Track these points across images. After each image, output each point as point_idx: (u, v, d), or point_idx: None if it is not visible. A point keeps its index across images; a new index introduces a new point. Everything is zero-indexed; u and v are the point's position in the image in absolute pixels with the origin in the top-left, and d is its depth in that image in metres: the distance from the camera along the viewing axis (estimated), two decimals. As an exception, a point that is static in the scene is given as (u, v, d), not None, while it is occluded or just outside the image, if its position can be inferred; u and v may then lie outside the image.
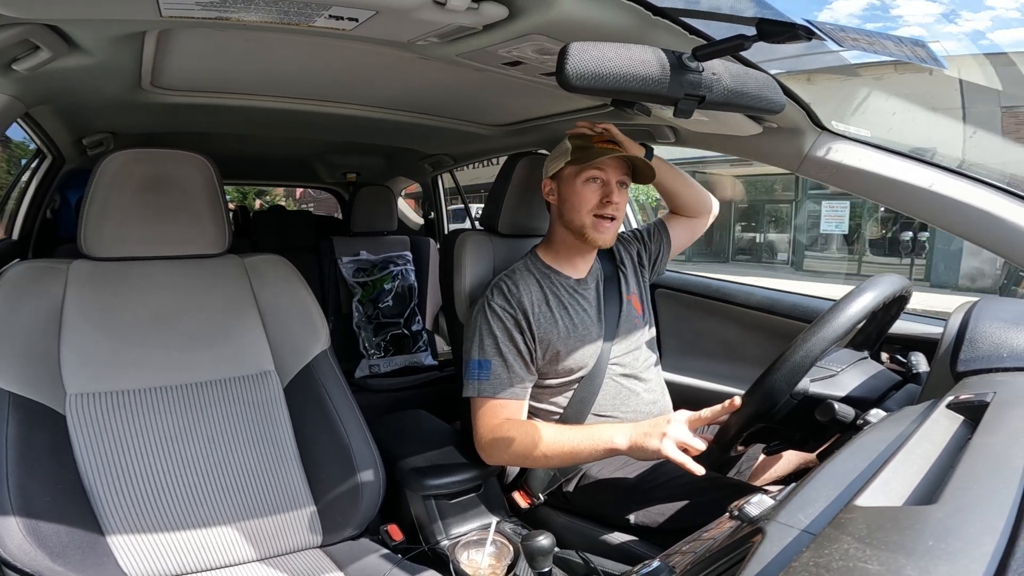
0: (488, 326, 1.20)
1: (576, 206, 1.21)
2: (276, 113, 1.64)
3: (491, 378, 1.18)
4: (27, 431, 0.96)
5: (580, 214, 1.21)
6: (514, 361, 1.19)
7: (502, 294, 1.21)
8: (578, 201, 1.21)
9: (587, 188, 1.21)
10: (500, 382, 1.17)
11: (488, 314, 1.21)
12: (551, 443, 1.08)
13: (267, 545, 1.11)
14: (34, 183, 2.24)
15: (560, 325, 1.22)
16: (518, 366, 1.19)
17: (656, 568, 0.55)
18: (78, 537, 0.95)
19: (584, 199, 1.21)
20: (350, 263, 2.61)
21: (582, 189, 1.21)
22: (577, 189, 1.21)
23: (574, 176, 1.21)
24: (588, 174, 1.20)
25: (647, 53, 0.73)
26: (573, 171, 1.21)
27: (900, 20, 19.67)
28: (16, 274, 1.06)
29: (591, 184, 1.21)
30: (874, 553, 0.36)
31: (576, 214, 1.22)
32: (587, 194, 1.20)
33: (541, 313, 1.22)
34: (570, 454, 1.07)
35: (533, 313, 1.21)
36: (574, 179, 1.21)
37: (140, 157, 1.14)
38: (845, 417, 0.86)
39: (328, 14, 0.87)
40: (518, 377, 1.18)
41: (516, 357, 1.19)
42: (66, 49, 0.98)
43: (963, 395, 0.63)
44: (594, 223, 1.21)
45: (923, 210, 1.10)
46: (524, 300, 1.21)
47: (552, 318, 1.22)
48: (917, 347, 1.17)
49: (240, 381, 1.17)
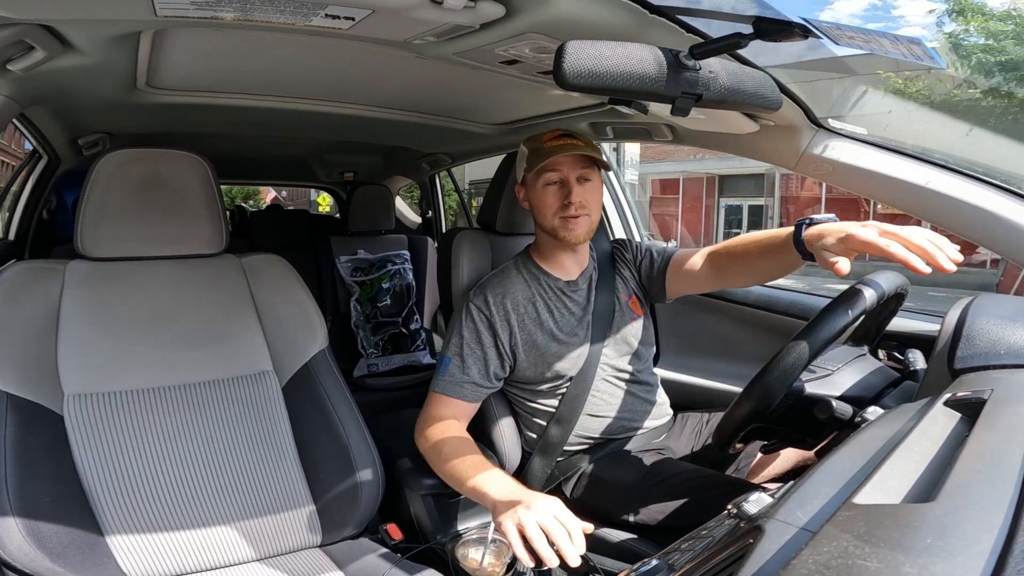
0: (459, 325, 1.21)
1: (541, 210, 1.21)
2: (273, 112, 1.64)
3: (445, 375, 1.19)
4: (25, 432, 0.96)
5: (547, 218, 1.21)
6: (472, 364, 1.19)
7: (483, 297, 1.22)
8: (542, 205, 1.21)
9: (547, 192, 1.20)
10: (452, 380, 1.18)
11: (464, 314, 1.22)
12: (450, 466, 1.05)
13: (266, 545, 1.11)
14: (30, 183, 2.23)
15: (545, 326, 1.22)
16: (475, 369, 1.19)
17: (655, 566, 0.55)
18: (77, 537, 0.95)
19: (546, 203, 1.20)
20: (348, 262, 2.61)
21: (543, 193, 1.20)
22: (539, 193, 1.21)
23: (535, 180, 1.21)
24: (544, 177, 1.19)
25: (644, 51, 0.73)
26: (533, 176, 1.21)
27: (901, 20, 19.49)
28: (13, 275, 1.06)
29: (550, 187, 1.20)
30: (873, 551, 0.36)
31: (544, 218, 1.21)
32: (547, 198, 1.19)
33: (526, 313, 1.22)
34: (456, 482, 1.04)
35: (518, 314, 1.21)
36: (535, 183, 1.21)
37: (136, 157, 1.14)
38: (843, 415, 0.87)
39: (324, 13, 0.87)
40: (470, 380, 1.18)
41: (476, 360, 1.19)
42: (61, 49, 0.98)
43: (960, 392, 0.63)
44: (562, 223, 1.19)
45: (920, 207, 1.10)
46: (508, 302, 1.21)
47: (537, 319, 1.22)
48: (914, 344, 1.17)
49: (238, 381, 1.17)
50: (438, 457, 1.09)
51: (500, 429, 1.27)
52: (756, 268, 1.11)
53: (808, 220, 0.93)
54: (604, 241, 1.37)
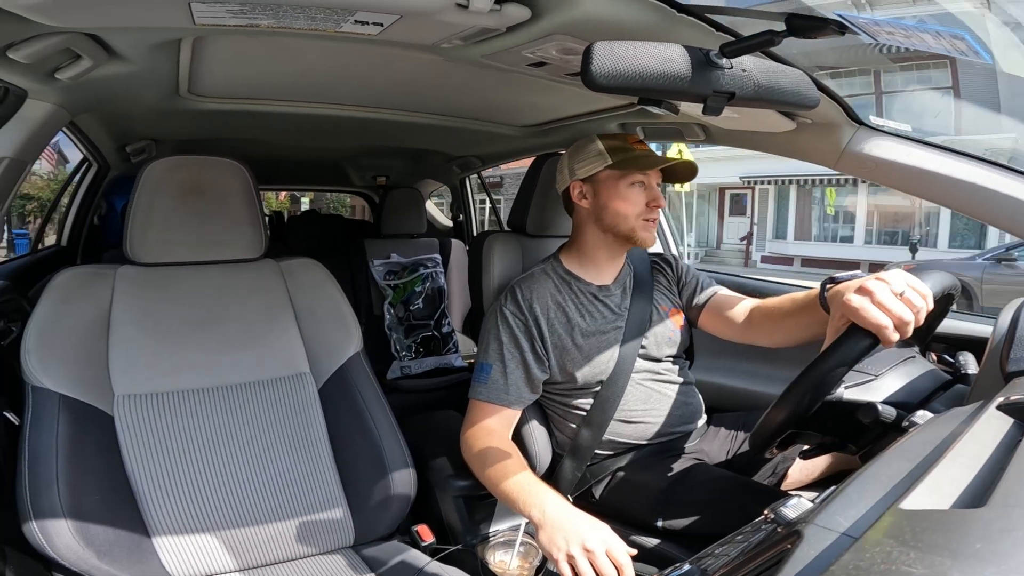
0: (496, 331, 1.20)
1: (622, 211, 1.20)
2: (307, 118, 1.68)
3: (488, 382, 1.18)
4: (77, 431, 1.00)
5: (628, 219, 1.20)
6: (515, 369, 1.18)
7: (514, 300, 1.21)
8: (624, 206, 1.20)
9: (633, 192, 1.20)
10: (496, 387, 1.17)
11: (498, 319, 1.21)
12: (496, 476, 1.07)
13: (301, 545, 1.13)
14: (81, 190, 2.33)
15: (576, 329, 1.21)
16: (518, 374, 1.18)
17: (688, 571, 0.54)
18: (124, 536, 0.98)
19: (631, 203, 1.20)
20: (381, 266, 2.65)
21: (628, 193, 1.20)
22: (622, 193, 1.20)
23: (616, 180, 1.20)
24: (633, 178, 1.19)
25: (673, 50, 0.71)
26: (615, 175, 1.20)
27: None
28: (65, 280, 1.10)
29: (636, 188, 1.20)
30: (918, 556, 0.34)
31: (623, 219, 1.20)
32: (633, 198, 1.20)
33: (556, 318, 1.21)
34: (502, 494, 1.05)
35: (547, 318, 1.20)
36: (616, 183, 1.20)
37: (180, 164, 1.18)
38: (888, 418, 0.83)
39: (354, 19, 0.88)
40: (514, 386, 1.18)
41: (518, 365, 1.19)
42: (106, 57, 1.02)
43: (1014, 396, 0.61)
44: (644, 225, 1.21)
45: (967, 204, 1.06)
46: (536, 306, 1.20)
47: (568, 324, 1.21)
48: (965, 347, 1.12)
49: (277, 383, 1.19)
50: (483, 467, 1.09)
51: (531, 431, 1.26)
52: (785, 325, 1.13)
53: (831, 279, 0.95)
54: (639, 249, 1.36)
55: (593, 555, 0.89)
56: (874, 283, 0.82)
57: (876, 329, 0.79)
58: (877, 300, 0.80)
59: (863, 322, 0.80)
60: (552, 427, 1.30)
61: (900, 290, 0.81)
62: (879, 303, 0.80)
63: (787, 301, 1.13)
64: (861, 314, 0.80)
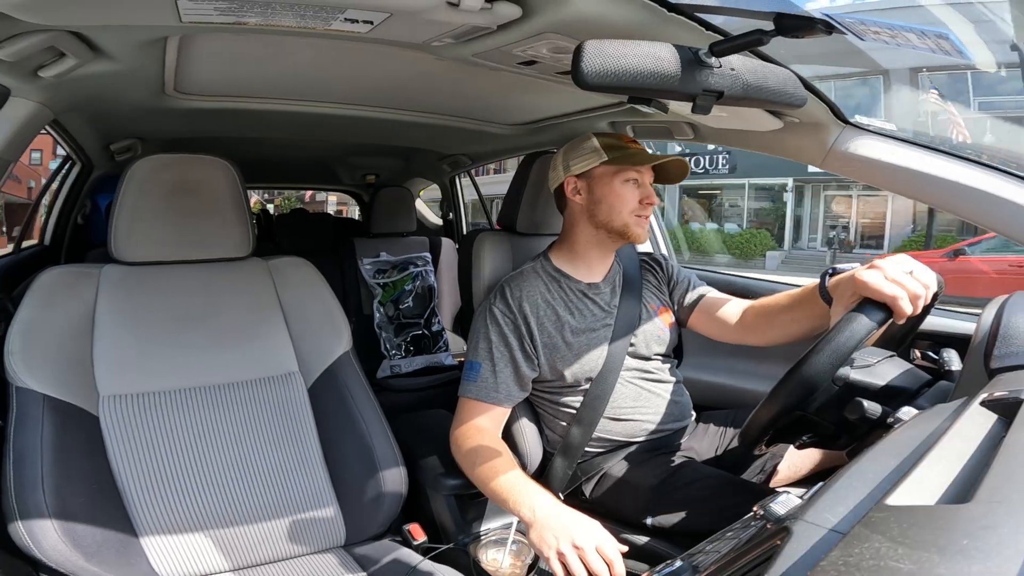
0: (485, 329, 1.21)
1: (616, 206, 1.21)
2: (295, 116, 1.66)
3: (477, 380, 1.18)
4: (62, 433, 0.98)
5: (622, 214, 1.21)
6: (504, 367, 1.19)
7: (504, 298, 1.22)
8: (618, 202, 1.21)
9: (626, 188, 1.21)
10: (485, 385, 1.18)
11: (488, 317, 1.21)
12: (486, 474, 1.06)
13: (291, 545, 1.12)
14: (64, 189, 2.29)
15: (565, 327, 1.21)
16: (507, 372, 1.19)
17: (678, 568, 0.54)
18: (112, 537, 0.97)
19: (625, 200, 1.21)
20: (370, 264, 2.64)
21: (622, 190, 1.20)
22: (616, 190, 1.21)
23: (611, 176, 1.21)
24: (627, 175, 1.20)
25: (663, 50, 0.72)
26: (609, 171, 1.21)
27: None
28: (49, 279, 1.09)
29: (630, 185, 1.21)
30: (906, 552, 0.35)
31: (616, 214, 1.21)
32: (627, 194, 1.21)
33: (545, 316, 1.21)
34: (492, 493, 1.05)
35: (537, 317, 1.21)
36: (611, 179, 1.21)
37: (166, 163, 1.17)
38: (873, 414, 0.84)
39: (343, 17, 0.88)
40: (503, 384, 1.18)
41: (507, 363, 1.19)
42: (91, 55, 1.01)
43: (997, 392, 0.61)
44: (636, 221, 1.22)
45: (952, 203, 1.07)
46: (526, 304, 1.20)
47: (558, 321, 1.22)
48: (949, 343, 1.14)
49: (266, 382, 1.19)
50: (473, 466, 1.09)
51: (522, 429, 1.27)
52: (781, 320, 1.15)
53: (831, 270, 0.97)
54: (629, 247, 1.37)
55: (583, 552, 0.89)
56: (883, 261, 0.84)
57: (891, 300, 0.81)
58: (890, 275, 0.82)
59: (876, 294, 0.81)
60: (543, 425, 1.30)
61: (908, 269, 0.83)
62: (891, 277, 0.82)
63: (783, 297, 1.15)
64: (874, 287, 0.82)
